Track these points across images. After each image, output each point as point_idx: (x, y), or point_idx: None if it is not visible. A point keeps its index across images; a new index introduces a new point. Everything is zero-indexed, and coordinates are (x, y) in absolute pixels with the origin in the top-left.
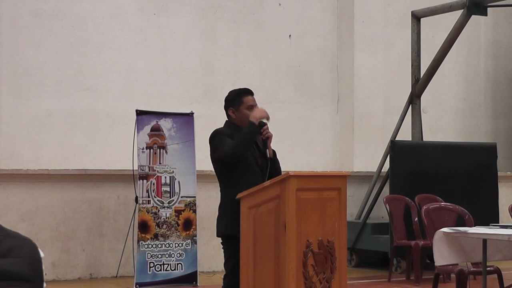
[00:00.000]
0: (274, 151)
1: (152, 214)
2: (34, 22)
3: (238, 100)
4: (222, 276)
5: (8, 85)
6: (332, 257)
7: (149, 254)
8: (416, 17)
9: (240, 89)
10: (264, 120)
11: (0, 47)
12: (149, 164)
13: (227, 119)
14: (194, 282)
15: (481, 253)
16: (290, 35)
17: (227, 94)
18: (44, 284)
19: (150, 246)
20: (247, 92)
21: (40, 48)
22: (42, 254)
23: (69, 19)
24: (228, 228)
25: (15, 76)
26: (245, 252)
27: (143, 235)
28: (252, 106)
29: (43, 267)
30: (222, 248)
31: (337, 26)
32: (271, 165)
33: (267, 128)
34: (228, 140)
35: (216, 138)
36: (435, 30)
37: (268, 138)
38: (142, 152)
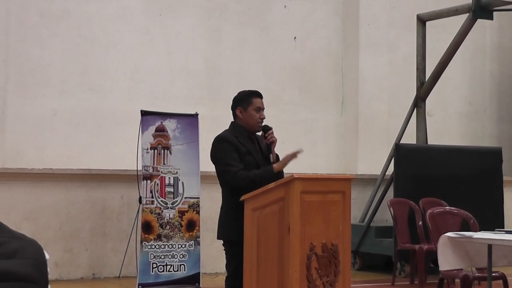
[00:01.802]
0: (277, 155)
1: (155, 215)
2: (41, 22)
3: (247, 100)
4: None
5: (14, 84)
6: (336, 261)
7: (152, 255)
8: (422, 20)
9: (250, 90)
10: (269, 125)
11: (7, 47)
12: (153, 164)
13: (233, 119)
14: (196, 284)
15: (486, 259)
16: (295, 37)
17: (236, 94)
18: (49, 286)
19: (153, 246)
20: (257, 94)
21: (47, 48)
22: (47, 256)
23: (75, 19)
24: (229, 233)
25: (21, 76)
26: (249, 254)
27: (146, 235)
28: (260, 109)
29: (48, 269)
30: (224, 249)
31: (342, 29)
32: None
33: (272, 133)
34: (235, 156)
35: (219, 147)
36: (441, 34)
37: (273, 143)
38: (146, 152)
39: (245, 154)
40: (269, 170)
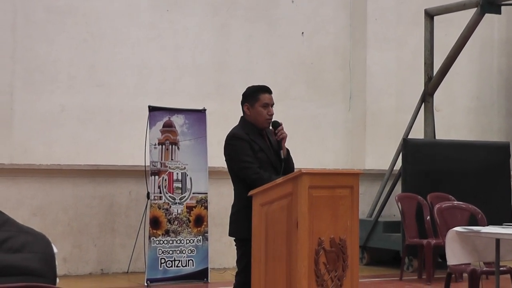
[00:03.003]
0: (287, 150)
1: (163, 210)
2: (47, 18)
3: (254, 96)
4: (234, 273)
5: (22, 80)
6: (344, 255)
7: (160, 250)
8: (429, 15)
9: (258, 86)
10: (279, 121)
11: (14, 43)
12: (161, 160)
13: (242, 115)
14: (205, 279)
15: (494, 253)
16: (302, 33)
17: (245, 89)
18: (57, 280)
19: (161, 242)
20: (265, 90)
21: (54, 44)
22: (55, 250)
23: (82, 15)
24: (242, 231)
25: (28, 72)
26: (257, 249)
27: (155, 231)
28: (268, 105)
29: (56, 263)
30: (235, 245)
31: (349, 24)
32: (285, 164)
33: (282, 129)
34: (250, 154)
35: (233, 144)
36: (448, 28)
37: (283, 139)
38: (154, 148)
39: (258, 151)
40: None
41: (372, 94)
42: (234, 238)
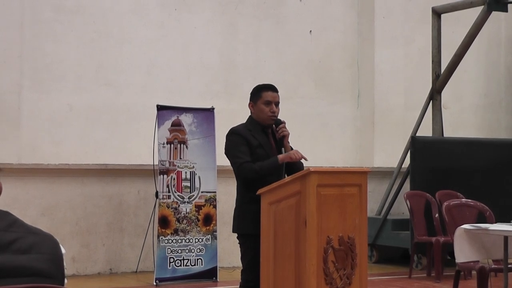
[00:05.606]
0: (292, 149)
1: (172, 209)
2: (55, 17)
3: (257, 94)
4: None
5: (29, 80)
6: (353, 253)
7: (169, 249)
8: (437, 13)
9: (263, 84)
10: (282, 119)
11: (22, 42)
12: (170, 159)
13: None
14: (214, 278)
15: (502, 250)
16: (310, 31)
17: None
18: (65, 280)
19: (170, 241)
20: (268, 87)
21: (61, 43)
22: (63, 251)
23: (90, 14)
24: (243, 227)
25: (36, 71)
26: (265, 248)
27: (163, 230)
28: (270, 102)
29: (65, 264)
30: (238, 243)
31: (357, 22)
32: (290, 163)
33: (284, 126)
34: (243, 149)
35: (230, 139)
36: (456, 26)
37: (285, 137)
38: (163, 147)
39: (257, 147)
40: (274, 161)
41: (380, 92)
42: (236, 235)
